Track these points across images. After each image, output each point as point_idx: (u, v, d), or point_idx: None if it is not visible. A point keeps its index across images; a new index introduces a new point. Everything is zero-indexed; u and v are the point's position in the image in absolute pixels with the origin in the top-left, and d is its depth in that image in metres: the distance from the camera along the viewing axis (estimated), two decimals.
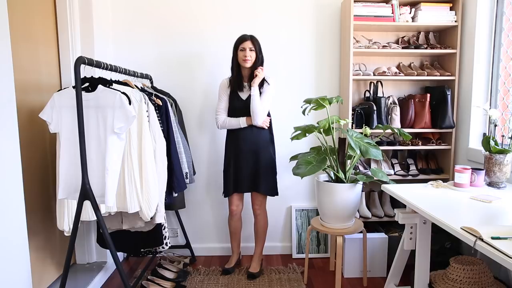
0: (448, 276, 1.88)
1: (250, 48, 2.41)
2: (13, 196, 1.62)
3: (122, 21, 2.83)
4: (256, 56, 2.44)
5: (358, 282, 2.57)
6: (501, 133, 2.37)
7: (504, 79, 2.41)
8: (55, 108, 1.87)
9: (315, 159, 2.27)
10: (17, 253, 1.65)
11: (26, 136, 2.07)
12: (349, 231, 2.36)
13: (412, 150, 2.91)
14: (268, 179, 2.54)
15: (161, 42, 2.85)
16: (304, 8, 2.86)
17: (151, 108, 2.08)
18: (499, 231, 1.31)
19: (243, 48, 2.42)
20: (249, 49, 2.41)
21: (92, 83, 1.89)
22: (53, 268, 2.36)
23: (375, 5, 2.62)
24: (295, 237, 2.99)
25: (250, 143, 2.50)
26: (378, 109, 2.69)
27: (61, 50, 2.43)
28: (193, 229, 3.04)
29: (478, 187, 2.02)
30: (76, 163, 1.85)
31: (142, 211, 1.96)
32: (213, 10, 2.84)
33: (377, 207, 2.82)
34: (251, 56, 2.42)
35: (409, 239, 2.01)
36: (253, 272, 2.61)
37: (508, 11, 2.37)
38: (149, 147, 1.99)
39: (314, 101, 2.33)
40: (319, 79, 2.94)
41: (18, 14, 2.04)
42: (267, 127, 2.53)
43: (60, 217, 2.02)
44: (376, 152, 2.19)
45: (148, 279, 2.44)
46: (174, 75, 2.89)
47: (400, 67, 2.87)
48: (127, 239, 2.24)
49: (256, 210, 2.63)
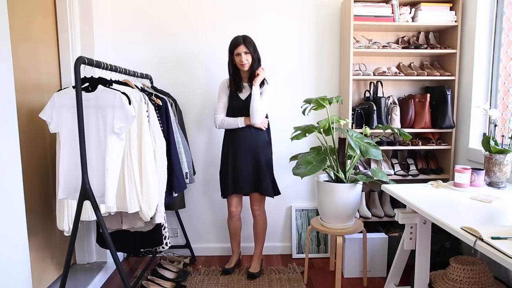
0: (448, 276, 1.88)
1: (245, 51, 2.39)
2: (13, 196, 1.62)
3: (122, 21, 2.83)
4: (252, 57, 2.42)
5: (358, 282, 2.57)
6: (501, 133, 2.37)
7: (504, 79, 2.41)
8: (55, 108, 1.87)
9: (315, 159, 2.27)
10: (17, 253, 1.65)
11: (26, 136, 2.07)
12: (349, 231, 2.36)
13: (412, 150, 2.91)
14: (267, 180, 2.53)
15: (161, 42, 2.85)
16: (304, 8, 2.86)
17: (151, 108, 2.08)
18: (499, 231, 1.31)
19: (238, 53, 2.40)
20: (244, 53, 2.39)
21: (92, 83, 1.89)
22: (53, 268, 2.36)
23: (375, 5, 2.62)
24: (295, 237, 2.99)
25: (248, 144, 2.48)
26: (378, 109, 2.69)
27: (61, 50, 2.43)
28: (193, 229, 3.04)
29: (478, 187, 2.02)
30: (76, 163, 1.85)
31: (142, 211, 1.96)
32: (213, 10, 2.84)
33: (377, 207, 2.82)
34: (248, 60, 2.40)
35: (409, 239, 2.01)
36: (253, 272, 2.61)
37: (508, 11, 2.37)
38: (149, 147, 1.99)
39: (314, 101, 2.33)
40: (319, 79, 2.94)
41: (18, 14, 2.04)
42: (264, 128, 2.52)
43: (60, 217, 2.02)
44: (376, 152, 2.18)
45: (148, 279, 2.44)
46: (174, 75, 2.89)
47: (400, 67, 2.86)
48: (127, 239, 2.24)
49: (255, 211, 2.62)
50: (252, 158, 2.49)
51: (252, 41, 2.44)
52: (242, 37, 2.42)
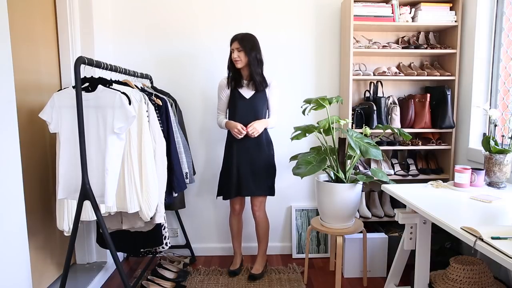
0: (448, 276, 1.88)
1: (238, 48, 2.37)
2: (13, 196, 1.62)
3: (122, 21, 2.83)
4: (246, 56, 2.38)
5: (358, 282, 2.57)
6: (501, 133, 2.37)
7: (504, 79, 2.41)
8: (55, 108, 1.87)
9: (315, 159, 2.27)
10: (17, 253, 1.65)
11: (26, 136, 2.07)
12: (349, 231, 2.36)
13: (412, 150, 2.91)
14: (268, 180, 2.52)
15: (161, 42, 2.85)
16: (304, 8, 2.86)
17: (151, 108, 2.08)
18: (499, 231, 1.31)
19: (232, 49, 2.40)
20: (236, 49, 2.38)
21: (92, 83, 1.89)
22: (53, 268, 2.36)
23: (375, 5, 2.62)
24: (295, 237, 2.99)
25: (250, 146, 2.46)
26: (378, 109, 2.69)
27: (61, 50, 2.43)
28: (193, 229, 3.04)
29: (478, 187, 2.02)
30: (76, 163, 1.85)
31: (142, 211, 1.96)
32: (213, 10, 2.84)
33: (377, 207, 2.82)
34: (240, 57, 2.38)
35: (409, 239, 2.01)
36: (254, 274, 2.59)
37: (508, 11, 2.37)
38: (149, 147, 1.99)
39: (314, 101, 2.33)
40: (319, 79, 2.94)
41: (18, 14, 2.04)
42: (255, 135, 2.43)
43: (60, 217, 2.02)
44: (376, 152, 2.18)
45: (148, 279, 2.45)
46: (174, 75, 2.89)
47: (400, 67, 2.87)
48: (127, 239, 2.24)
49: (256, 212, 2.59)
50: (253, 159, 2.47)
51: (252, 41, 2.41)
52: (241, 34, 2.41)
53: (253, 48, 2.40)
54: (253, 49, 2.40)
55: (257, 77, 2.43)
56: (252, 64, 2.41)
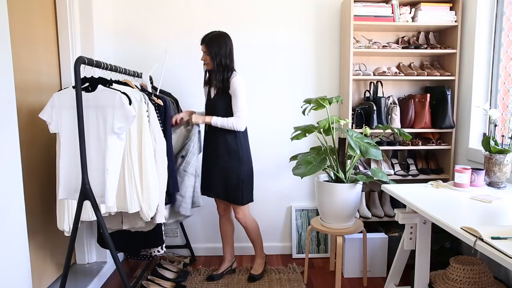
0: (448, 276, 1.88)
1: (205, 52, 2.33)
2: (13, 196, 1.62)
3: (122, 21, 2.83)
4: (212, 59, 2.30)
5: (358, 282, 2.57)
6: (501, 133, 2.37)
7: (504, 79, 2.41)
8: (55, 108, 1.87)
9: (315, 159, 2.27)
10: (17, 253, 1.65)
11: (26, 136, 2.07)
12: (349, 231, 2.36)
13: (412, 150, 2.91)
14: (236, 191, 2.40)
15: (161, 42, 2.85)
16: (304, 8, 2.86)
17: (151, 108, 2.08)
18: (499, 231, 1.31)
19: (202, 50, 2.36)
20: (204, 52, 2.34)
21: (92, 83, 1.89)
22: (53, 268, 2.36)
23: (375, 5, 2.62)
24: (295, 237, 2.99)
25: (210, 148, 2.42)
26: (378, 109, 2.69)
27: (61, 50, 2.43)
28: (193, 229, 3.04)
29: (478, 187, 2.02)
30: (76, 163, 1.85)
31: (143, 211, 1.96)
32: (213, 10, 2.84)
33: (377, 207, 2.82)
34: (206, 59, 2.34)
35: (409, 239, 2.01)
36: (253, 274, 2.59)
37: (508, 11, 2.37)
38: (149, 147, 1.99)
39: (314, 101, 2.33)
40: (319, 79, 2.94)
41: (18, 15, 2.04)
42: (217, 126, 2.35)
43: (60, 217, 2.02)
44: (376, 152, 2.19)
45: (148, 279, 2.45)
46: (174, 75, 2.89)
47: (400, 67, 2.87)
48: (127, 239, 2.24)
49: (238, 218, 2.50)
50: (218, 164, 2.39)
51: (218, 44, 2.29)
52: (209, 36, 2.32)
53: (218, 53, 2.29)
54: (218, 53, 2.29)
55: (217, 83, 2.33)
56: (215, 70, 2.33)
